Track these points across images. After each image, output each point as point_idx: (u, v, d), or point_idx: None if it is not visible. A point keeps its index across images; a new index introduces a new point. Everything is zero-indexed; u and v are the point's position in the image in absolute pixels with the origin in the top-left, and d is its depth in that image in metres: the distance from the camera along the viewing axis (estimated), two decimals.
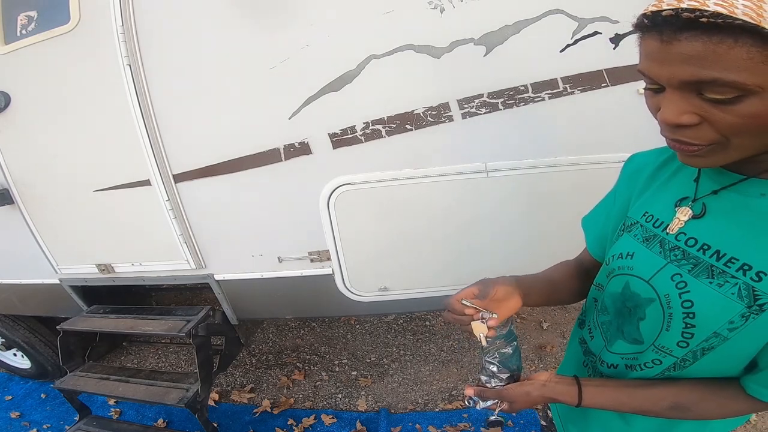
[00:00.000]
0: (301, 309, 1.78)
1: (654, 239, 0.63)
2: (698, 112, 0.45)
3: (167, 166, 1.48)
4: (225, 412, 2.26)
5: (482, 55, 1.20)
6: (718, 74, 0.41)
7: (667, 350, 0.61)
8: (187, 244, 1.60)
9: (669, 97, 0.46)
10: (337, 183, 1.39)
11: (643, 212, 0.66)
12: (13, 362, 2.59)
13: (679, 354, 0.60)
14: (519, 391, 0.70)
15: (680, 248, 0.59)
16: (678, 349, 0.60)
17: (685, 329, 0.57)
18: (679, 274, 0.58)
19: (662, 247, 0.61)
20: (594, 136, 1.31)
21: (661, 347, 0.62)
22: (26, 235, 1.77)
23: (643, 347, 0.65)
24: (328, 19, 1.23)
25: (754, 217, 0.52)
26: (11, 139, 1.60)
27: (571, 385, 0.68)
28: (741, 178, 0.54)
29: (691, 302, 0.56)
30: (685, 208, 0.59)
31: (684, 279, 0.57)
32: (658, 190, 0.66)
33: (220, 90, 1.35)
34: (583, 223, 0.84)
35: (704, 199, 0.58)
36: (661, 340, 0.61)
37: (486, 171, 1.33)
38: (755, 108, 0.42)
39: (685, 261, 0.58)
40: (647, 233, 0.64)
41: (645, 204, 0.67)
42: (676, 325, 0.58)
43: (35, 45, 1.42)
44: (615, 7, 1.14)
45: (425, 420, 2.07)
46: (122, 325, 1.86)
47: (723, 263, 0.54)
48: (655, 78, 0.47)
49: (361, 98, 1.28)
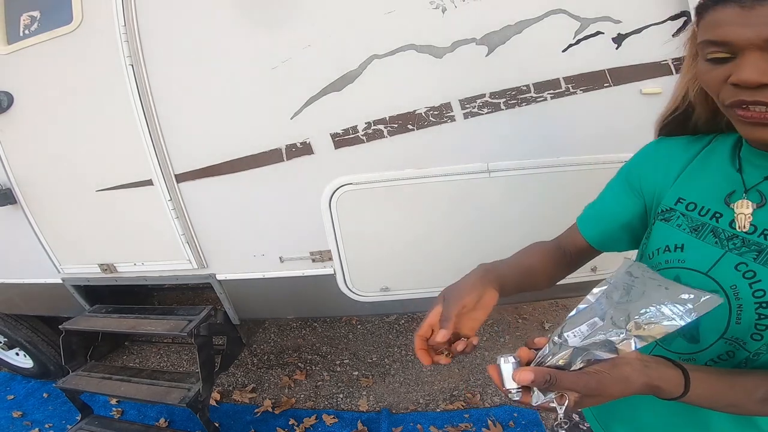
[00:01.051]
0: (303, 309, 1.78)
1: (704, 228, 0.59)
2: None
3: (169, 166, 1.48)
4: (226, 411, 2.26)
5: (484, 55, 1.20)
6: None
7: (741, 342, 0.57)
8: (189, 243, 1.60)
9: (749, 59, 0.46)
10: (338, 183, 1.39)
11: (677, 198, 0.63)
12: (16, 362, 2.59)
13: (753, 348, 0.56)
14: (615, 375, 0.47)
15: (739, 236, 0.55)
16: (752, 342, 0.56)
17: (758, 320, 0.54)
18: (744, 263, 0.54)
19: (717, 237, 0.58)
20: (596, 136, 1.30)
21: (734, 339, 0.57)
22: (29, 234, 1.77)
23: (701, 346, 0.61)
24: (330, 19, 1.23)
25: None
26: (14, 138, 1.61)
27: (673, 369, 0.52)
28: None
29: (764, 291, 0.53)
30: (743, 201, 0.56)
31: (751, 268, 0.54)
32: (690, 177, 0.63)
33: (222, 90, 1.35)
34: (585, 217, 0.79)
35: (759, 186, 0.55)
36: (732, 332, 0.57)
37: (488, 171, 1.33)
38: None
39: (746, 249, 0.55)
40: (693, 222, 0.60)
41: (679, 190, 0.63)
42: (748, 317, 0.54)
43: (38, 45, 1.43)
44: (617, 7, 1.14)
45: (426, 420, 2.07)
46: (124, 325, 1.87)
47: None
48: (735, 41, 0.46)
49: (362, 98, 1.28)
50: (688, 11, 1.09)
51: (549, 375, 0.46)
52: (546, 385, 0.47)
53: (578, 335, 0.48)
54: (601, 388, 0.47)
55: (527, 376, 0.47)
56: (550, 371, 0.47)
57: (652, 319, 0.48)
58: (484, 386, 2.27)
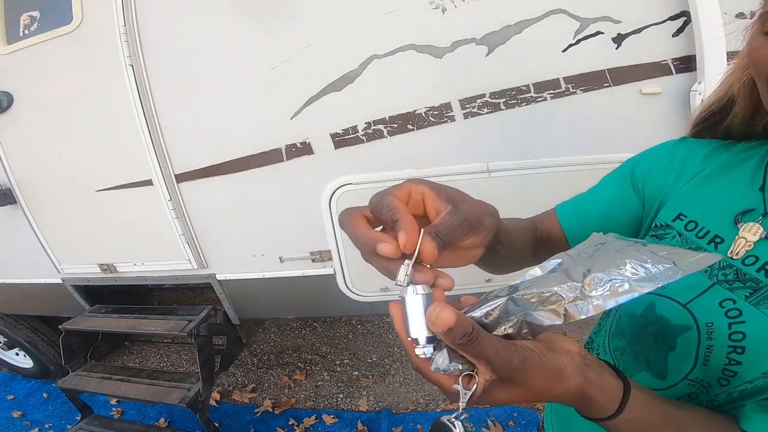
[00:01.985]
0: (303, 309, 1.78)
1: None
2: None
3: (169, 166, 1.48)
4: (226, 411, 2.27)
5: (484, 55, 1.20)
6: None
7: (706, 385, 0.49)
8: (189, 244, 1.60)
9: None
10: (338, 183, 1.39)
11: (678, 213, 0.54)
12: (16, 362, 2.59)
13: (716, 392, 0.48)
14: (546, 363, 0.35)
15: (734, 266, 0.47)
16: (717, 386, 0.48)
17: (727, 366, 0.46)
18: (732, 299, 0.46)
19: (712, 266, 0.49)
20: (596, 136, 1.30)
21: (699, 381, 0.49)
22: (29, 234, 1.77)
23: (667, 383, 0.53)
24: (330, 20, 1.23)
25: None
26: (14, 138, 1.60)
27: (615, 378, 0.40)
28: None
29: (743, 334, 0.45)
30: (753, 224, 0.46)
31: (738, 306, 0.46)
32: (698, 188, 0.54)
33: (222, 90, 1.35)
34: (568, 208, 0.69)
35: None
36: (697, 374, 0.49)
37: (488, 171, 1.33)
38: None
39: (740, 283, 0.46)
40: (687, 245, 0.51)
41: (681, 203, 0.54)
42: (716, 361, 0.47)
43: (38, 45, 1.43)
44: (617, 7, 1.14)
45: (426, 420, 2.07)
46: (124, 325, 1.87)
47: None
48: None
49: (362, 98, 1.28)
50: (688, 11, 1.09)
51: (472, 327, 0.33)
52: (463, 341, 0.33)
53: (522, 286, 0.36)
54: (524, 371, 0.34)
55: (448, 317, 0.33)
56: (474, 323, 0.34)
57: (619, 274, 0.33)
58: None
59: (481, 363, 0.34)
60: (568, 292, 0.34)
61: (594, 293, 0.33)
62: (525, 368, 0.34)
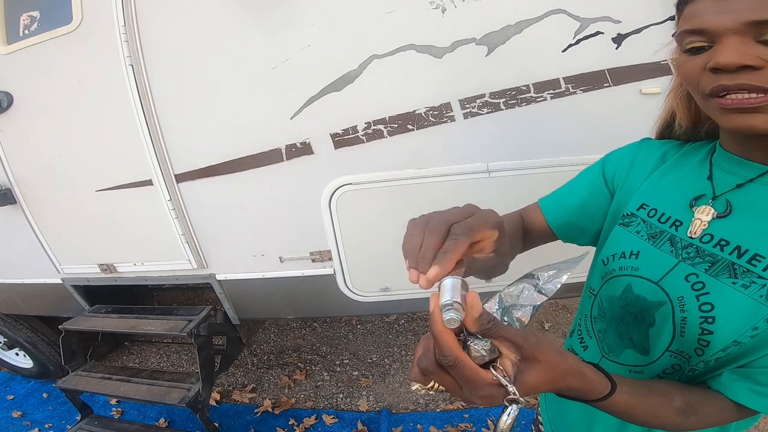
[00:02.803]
0: (303, 309, 1.78)
1: (661, 236, 0.58)
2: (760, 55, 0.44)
3: (169, 166, 1.48)
4: (226, 411, 2.27)
5: (484, 55, 1.20)
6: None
7: (686, 356, 0.55)
8: (189, 244, 1.60)
9: (727, 43, 0.45)
10: (338, 183, 1.39)
11: (641, 203, 0.61)
12: (16, 362, 2.59)
13: (694, 362, 0.54)
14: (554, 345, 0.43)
15: (694, 245, 0.54)
16: (695, 356, 0.54)
17: (701, 336, 0.52)
18: (695, 273, 0.53)
19: (673, 245, 0.56)
20: (596, 136, 1.30)
21: (680, 352, 0.55)
22: (29, 234, 1.77)
23: (650, 358, 0.59)
24: (330, 19, 1.23)
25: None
26: (14, 139, 1.60)
27: (598, 372, 0.49)
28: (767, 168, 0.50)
29: (711, 305, 0.51)
30: (705, 206, 0.54)
31: (701, 279, 0.52)
32: (657, 181, 0.62)
33: (221, 90, 1.35)
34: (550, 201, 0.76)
35: (727, 195, 0.53)
36: (677, 345, 0.55)
37: (488, 171, 1.33)
38: None
39: (700, 259, 0.53)
40: (652, 229, 0.59)
41: (643, 195, 0.62)
42: (692, 331, 0.52)
43: (38, 45, 1.43)
44: (617, 7, 1.14)
45: (426, 420, 2.07)
46: (124, 325, 1.87)
47: (746, 261, 0.49)
48: (712, 27, 0.46)
49: (362, 98, 1.28)
50: None
51: (491, 317, 0.40)
52: (489, 325, 0.40)
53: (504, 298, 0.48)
54: (540, 346, 0.41)
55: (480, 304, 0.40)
56: (491, 316, 0.40)
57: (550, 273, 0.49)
58: None
59: (504, 344, 0.41)
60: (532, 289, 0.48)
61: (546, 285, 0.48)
62: (540, 343, 0.41)
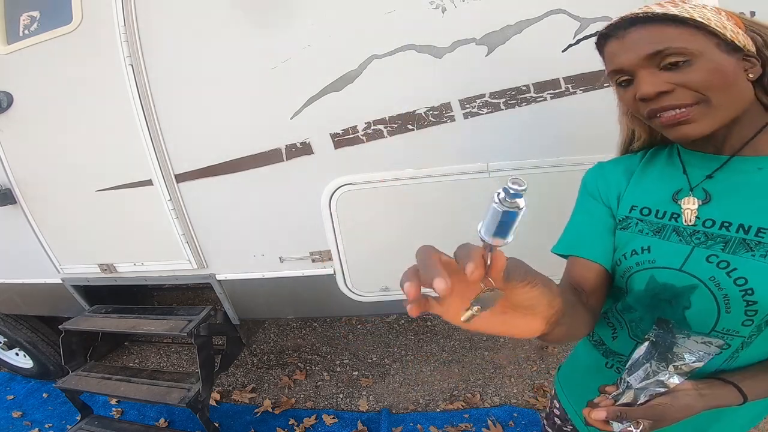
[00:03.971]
0: (303, 309, 1.78)
1: (666, 229, 0.63)
2: (668, 80, 0.54)
3: (169, 166, 1.48)
4: (226, 411, 2.27)
5: (484, 55, 1.20)
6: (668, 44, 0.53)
7: (733, 332, 0.60)
8: (189, 244, 1.60)
9: (641, 77, 0.56)
10: (338, 183, 1.39)
11: (630, 206, 0.68)
12: (16, 362, 2.60)
13: (746, 333, 0.59)
14: (678, 406, 0.56)
15: (700, 231, 0.60)
16: (744, 328, 0.59)
17: (747, 307, 0.57)
18: (714, 255, 0.58)
19: (680, 235, 0.62)
20: (596, 136, 1.30)
21: (726, 330, 0.60)
22: (29, 234, 1.77)
23: None
24: (330, 19, 1.23)
25: (761, 188, 0.57)
26: (14, 138, 1.60)
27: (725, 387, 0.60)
28: (727, 158, 0.59)
29: (745, 279, 0.56)
30: (689, 197, 0.62)
31: (723, 258, 0.58)
32: (636, 186, 0.69)
33: (221, 90, 1.35)
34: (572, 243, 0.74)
35: (702, 185, 0.61)
36: (723, 324, 0.60)
37: (488, 171, 1.33)
38: (707, 65, 0.53)
39: (712, 241, 0.59)
40: (654, 226, 0.65)
41: (629, 199, 0.68)
42: (737, 305, 0.57)
43: (38, 45, 1.43)
44: (617, 7, 1.13)
45: (426, 420, 2.07)
46: (124, 325, 1.87)
47: (753, 235, 0.56)
48: (625, 66, 0.57)
49: (362, 98, 1.28)
50: None
51: (619, 411, 0.56)
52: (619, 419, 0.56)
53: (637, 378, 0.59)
54: (666, 415, 0.56)
55: (600, 415, 0.57)
56: (620, 408, 0.57)
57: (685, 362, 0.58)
58: (484, 386, 2.27)
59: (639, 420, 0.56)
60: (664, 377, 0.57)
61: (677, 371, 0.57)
62: (665, 414, 0.56)
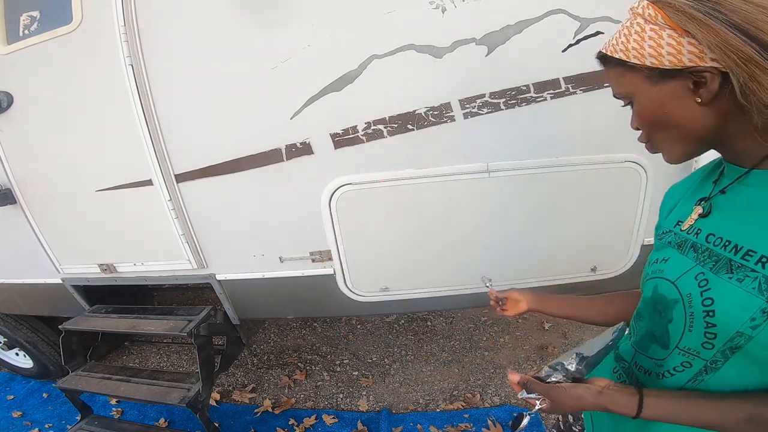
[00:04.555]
0: (303, 309, 1.78)
1: (686, 243, 0.63)
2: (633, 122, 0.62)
3: (169, 166, 1.48)
4: (226, 411, 2.27)
5: (484, 55, 1.20)
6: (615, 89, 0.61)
7: (694, 352, 0.59)
8: (189, 244, 1.60)
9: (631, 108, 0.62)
10: (338, 183, 1.39)
11: (676, 221, 0.68)
12: (16, 362, 2.59)
13: (707, 356, 0.58)
14: (571, 393, 0.62)
15: (708, 248, 0.59)
16: (704, 350, 0.58)
17: (707, 329, 0.56)
18: (702, 272, 0.58)
19: (696, 251, 0.61)
20: (596, 136, 1.30)
21: (687, 349, 0.60)
22: (29, 234, 1.77)
23: (667, 352, 0.64)
24: (330, 19, 1.23)
25: (760, 206, 0.53)
26: (14, 139, 1.60)
27: (631, 396, 0.61)
28: (743, 171, 0.56)
29: (712, 299, 0.55)
30: (698, 206, 0.63)
31: (706, 277, 0.57)
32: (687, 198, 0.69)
33: (221, 90, 1.35)
34: None
35: (713, 198, 0.61)
36: (685, 342, 0.60)
37: (488, 171, 1.33)
38: (640, 105, 0.58)
39: (709, 259, 0.58)
40: (679, 238, 0.65)
41: (677, 214, 0.70)
42: (698, 325, 0.57)
43: (38, 45, 1.43)
44: (616, 7, 1.14)
45: (426, 420, 2.07)
46: (124, 325, 1.87)
47: (741, 257, 0.53)
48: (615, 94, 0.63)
49: (362, 98, 1.28)
50: None
51: (526, 380, 0.65)
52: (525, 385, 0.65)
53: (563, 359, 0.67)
54: (560, 398, 0.63)
55: (513, 378, 0.67)
56: (528, 378, 0.65)
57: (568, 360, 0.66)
58: (484, 386, 2.27)
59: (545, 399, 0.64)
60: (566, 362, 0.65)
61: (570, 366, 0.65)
62: (558, 396, 0.63)
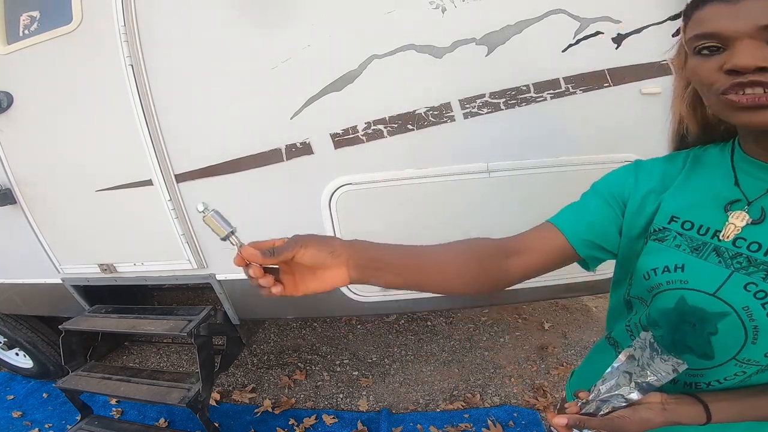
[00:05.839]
0: (303, 309, 1.78)
1: (705, 248, 0.59)
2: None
3: (169, 166, 1.48)
4: (226, 411, 2.26)
5: (484, 55, 1.20)
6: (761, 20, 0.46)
7: (753, 362, 0.58)
8: (189, 244, 1.60)
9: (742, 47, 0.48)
10: (338, 183, 1.39)
11: (671, 217, 0.62)
12: (16, 362, 2.59)
13: (765, 363, 0.57)
14: (635, 419, 0.57)
15: (743, 254, 0.55)
16: (765, 359, 0.57)
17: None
18: (754, 283, 0.54)
19: (720, 256, 0.57)
20: (596, 136, 1.30)
21: (746, 360, 0.58)
22: (29, 234, 1.77)
23: (714, 363, 0.61)
24: (330, 19, 1.23)
25: None
26: (13, 139, 1.60)
27: (692, 404, 0.59)
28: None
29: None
30: (740, 212, 0.56)
31: (762, 288, 0.53)
32: (679, 193, 0.63)
33: (221, 90, 1.35)
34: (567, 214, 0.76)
35: (761, 200, 0.55)
36: (745, 354, 0.57)
37: (488, 171, 1.33)
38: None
39: (754, 268, 0.54)
40: (694, 242, 0.60)
41: (670, 208, 0.63)
42: (766, 338, 0.54)
43: (37, 45, 1.43)
44: (617, 7, 1.14)
45: (426, 420, 2.07)
46: (124, 325, 1.87)
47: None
48: (725, 31, 0.49)
49: (362, 98, 1.28)
50: None
51: (578, 420, 0.59)
52: (579, 426, 0.59)
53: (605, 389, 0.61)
54: (624, 427, 0.57)
55: (561, 421, 0.60)
56: (580, 417, 0.60)
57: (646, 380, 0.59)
58: (484, 386, 2.27)
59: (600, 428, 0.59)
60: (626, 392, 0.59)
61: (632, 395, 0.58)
62: (621, 426, 0.57)
